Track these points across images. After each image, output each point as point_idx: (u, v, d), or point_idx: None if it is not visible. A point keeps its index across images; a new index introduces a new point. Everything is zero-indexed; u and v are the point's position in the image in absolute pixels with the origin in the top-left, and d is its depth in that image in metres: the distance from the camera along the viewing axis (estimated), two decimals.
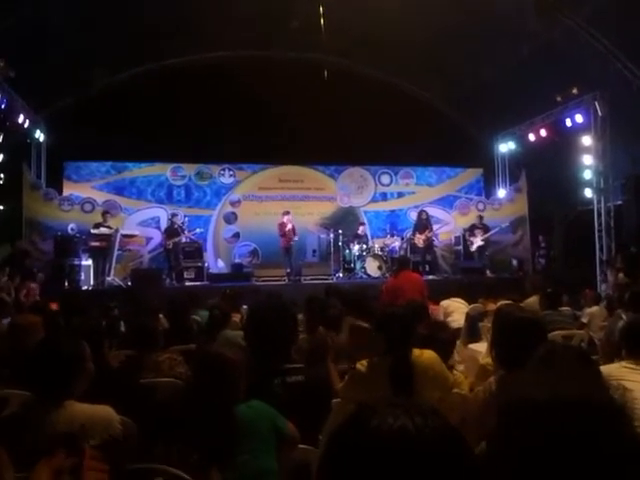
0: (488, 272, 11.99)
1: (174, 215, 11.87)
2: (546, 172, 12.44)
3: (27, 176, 11.77)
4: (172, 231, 11.31)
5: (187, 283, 10.97)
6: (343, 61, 12.87)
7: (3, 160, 10.29)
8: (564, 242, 13.21)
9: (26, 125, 10.93)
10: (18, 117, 10.51)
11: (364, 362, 2.75)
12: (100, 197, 12.63)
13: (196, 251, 11.80)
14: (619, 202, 11.46)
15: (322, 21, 10.29)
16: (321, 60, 12.44)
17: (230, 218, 13.67)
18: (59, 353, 2.17)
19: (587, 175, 11.48)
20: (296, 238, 11.64)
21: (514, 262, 13.10)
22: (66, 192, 12.57)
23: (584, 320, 6.01)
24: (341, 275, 11.83)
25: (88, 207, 12.33)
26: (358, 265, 11.79)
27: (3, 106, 9.84)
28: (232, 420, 1.97)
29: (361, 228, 12.62)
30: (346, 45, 11.98)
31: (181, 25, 10.88)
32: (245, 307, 6.35)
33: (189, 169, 13.47)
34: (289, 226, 11.55)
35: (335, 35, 11.29)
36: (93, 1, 9.16)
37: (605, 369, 2.58)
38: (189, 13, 10.42)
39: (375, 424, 0.80)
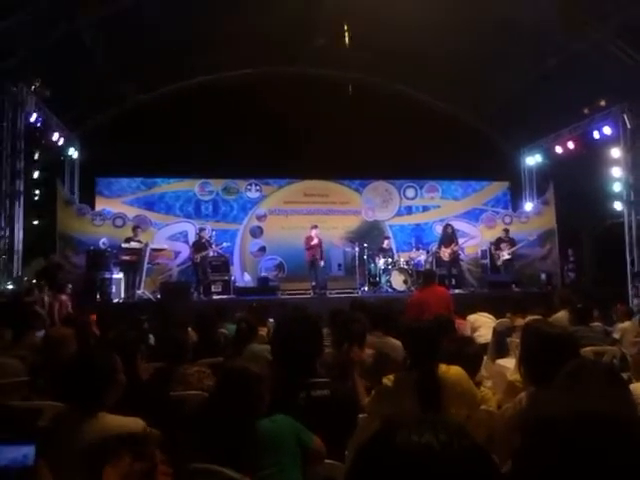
0: (514, 286, 11.83)
1: (202, 229, 12.06)
2: (574, 185, 12.26)
3: (61, 192, 12.14)
4: (200, 245, 11.48)
5: (214, 296, 11.11)
6: (368, 77, 12.96)
7: (39, 177, 10.62)
8: (594, 256, 12.96)
9: (60, 142, 11.28)
10: (53, 135, 10.86)
11: (391, 377, 2.76)
12: (130, 212, 12.92)
13: (223, 265, 11.96)
14: None
15: (347, 37, 10.44)
16: (346, 76, 12.57)
17: (256, 232, 13.82)
18: (92, 365, 2.23)
19: (617, 188, 11.29)
20: (322, 263, 11.67)
21: (542, 276, 12.89)
22: (98, 207, 12.90)
23: (616, 336, 5.88)
24: (366, 289, 11.82)
25: (119, 222, 12.61)
26: (383, 279, 11.77)
27: (39, 124, 10.19)
28: (254, 434, 1.98)
29: (386, 242, 12.61)
30: (372, 60, 12.08)
31: (208, 44, 11.14)
32: (271, 320, 6.42)
33: (216, 184, 13.69)
34: (315, 240, 11.62)
35: (360, 50, 11.42)
36: (125, 19, 9.44)
37: (636, 387, 2.54)
38: (218, 31, 10.67)
39: (400, 440, 0.81)
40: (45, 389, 3.01)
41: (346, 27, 10.11)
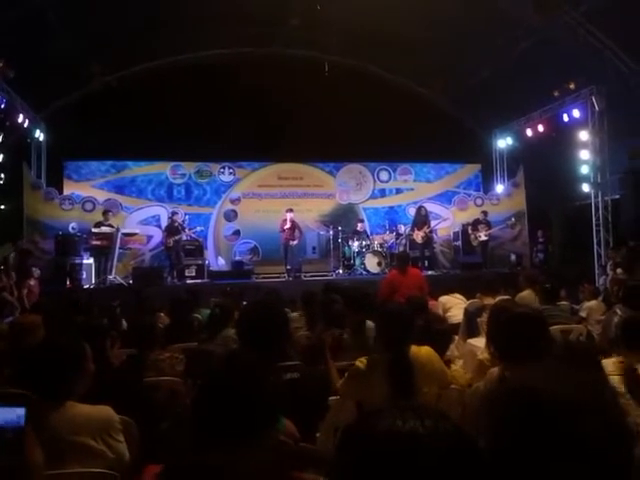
0: (485, 267, 12.04)
1: (174, 213, 11.91)
2: (544, 167, 12.47)
3: (27, 176, 11.81)
4: (173, 229, 11.35)
5: (188, 281, 11.02)
6: (341, 59, 12.87)
7: (3, 160, 10.33)
8: (562, 236, 13.26)
9: (26, 125, 10.97)
10: (18, 117, 10.55)
11: (363, 359, 2.79)
12: (101, 196, 12.67)
13: (197, 249, 11.86)
14: (617, 196, 11.50)
15: (319, 18, 10.33)
16: (319, 57, 12.46)
17: (230, 216, 13.72)
18: (59, 353, 2.16)
19: (584, 170, 11.52)
20: (294, 242, 11.68)
21: (512, 257, 13.15)
22: (67, 191, 12.61)
23: (583, 314, 6.04)
24: (341, 272, 11.88)
25: (89, 206, 12.37)
26: (358, 261, 11.84)
27: (3, 106, 9.88)
28: None
29: (360, 225, 12.67)
30: (344, 42, 11.98)
31: (180, 22, 10.90)
32: (245, 304, 6.41)
33: (189, 167, 13.51)
34: (288, 224, 11.63)
35: (333, 32, 11.32)
36: None
37: (607, 363, 2.62)
38: (188, 10, 10.43)
39: (384, 427, 0.81)
40: (11, 378, 2.95)
41: (319, 7, 9.98)
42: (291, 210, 11.93)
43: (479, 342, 4.46)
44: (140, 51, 11.87)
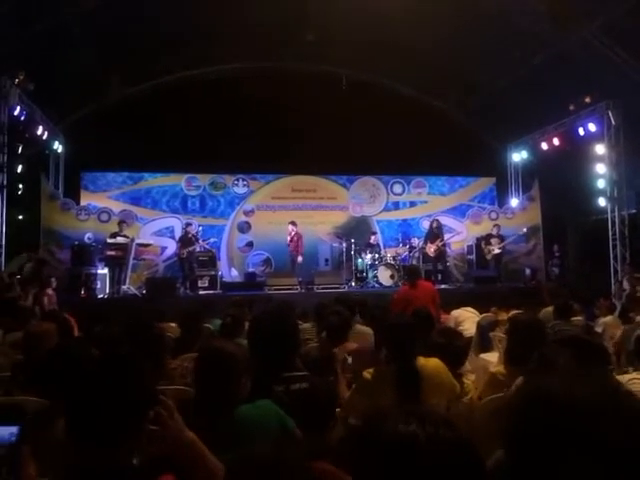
0: (499, 281, 11.92)
1: (188, 224, 11.99)
2: (559, 181, 12.38)
3: (45, 186, 12.02)
4: (186, 240, 11.43)
5: (201, 292, 11.06)
6: (355, 72, 12.96)
7: (22, 171, 10.49)
8: (578, 251, 13.10)
9: (45, 136, 11.16)
10: (37, 129, 10.73)
11: (370, 370, 2.78)
12: (116, 207, 12.82)
13: (210, 260, 11.91)
14: (633, 211, 11.35)
15: (333, 33, 10.42)
16: (334, 71, 12.56)
17: (243, 227, 13.79)
18: (69, 359, 2.20)
19: (601, 184, 11.41)
20: (300, 258, 11.74)
21: (527, 271, 13.01)
22: (83, 202, 12.79)
23: (598, 329, 5.95)
24: (353, 284, 11.85)
25: (104, 217, 12.52)
26: (370, 274, 11.80)
27: (22, 118, 10.06)
28: (232, 418, 1.93)
29: (373, 237, 12.65)
30: (359, 56, 12.07)
31: (197, 37, 11.07)
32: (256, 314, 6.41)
33: (203, 179, 13.63)
34: (291, 236, 11.73)
35: (350, 46, 11.41)
36: (110, 13, 9.34)
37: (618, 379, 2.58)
38: (205, 25, 10.59)
39: (387, 430, 0.82)
40: (26, 385, 2.98)
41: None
42: (293, 223, 11.97)
43: (492, 357, 4.42)
44: (157, 65, 12.09)
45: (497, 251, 12.24)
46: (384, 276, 11.59)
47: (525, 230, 13.28)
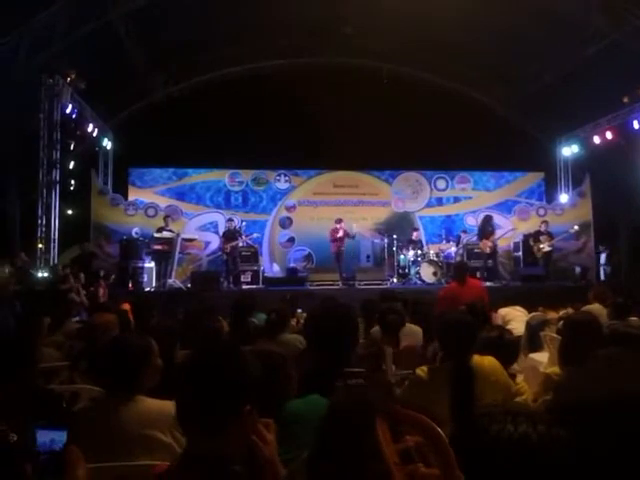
0: (547, 280, 11.56)
1: (231, 220, 12.15)
2: (612, 176, 11.93)
3: (95, 182, 12.41)
4: (230, 235, 11.57)
5: (244, 286, 11.19)
6: (399, 66, 12.82)
7: (74, 167, 10.85)
8: (630, 249, 12.60)
9: (95, 134, 11.50)
10: (88, 126, 11.07)
11: (424, 368, 2.74)
12: (162, 202, 13.10)
13: (253, 255, 12.04)
14: None
15: (371, 26, 10.33)
16: (373, 65, 12.46)
17: (285, 223, 13.87)
18: (127, 348, 2.26)
19: None
20: (343, 248, 11.62)
21: (577, 270, 12.60)
22: (131, 197, 13.13)
23: None
24: (395, 280, 11.74)
25: (151, 212, 12.81)
26: (412, 270, 11.67)
27: (74, 116, 10.40)
28: (281, 414, 1.93)
29: (415, 233, 12.49)
30: (403, 49, 11.94)
31: (239, 35, 11.18)
32: (299, 311, 6.43)
33: (246, 175, 13.77)
34: (340, 233, 11.63)
35: (391, 39, 11.30)
36: (156, 12, 9.53)
37: None
38: (248, 23, 10.69)
39: (496, 431, 0.82)
40: (87, 373, 3.08)
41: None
42: (341, 220, 11.86)
43: (541, 357, 4.30)
44: (201, 63, 12.27)
45: (548, 249, 11.85)
46: (427, 273, 11.44)
47: (577, 228, 12.82)
